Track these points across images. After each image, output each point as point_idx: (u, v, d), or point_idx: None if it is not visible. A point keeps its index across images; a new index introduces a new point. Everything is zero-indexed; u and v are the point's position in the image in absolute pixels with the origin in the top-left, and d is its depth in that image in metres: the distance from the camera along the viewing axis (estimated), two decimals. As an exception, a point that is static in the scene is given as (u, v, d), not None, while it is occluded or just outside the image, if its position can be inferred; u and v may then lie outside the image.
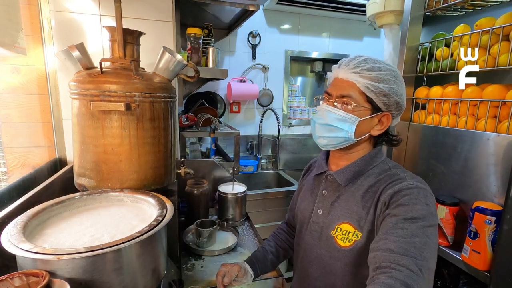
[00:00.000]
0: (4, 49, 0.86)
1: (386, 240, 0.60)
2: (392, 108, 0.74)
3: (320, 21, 2.61)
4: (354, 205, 0.75)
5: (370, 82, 0.71)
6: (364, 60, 0.74)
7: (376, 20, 1.60)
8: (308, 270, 0.84)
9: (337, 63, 0.79)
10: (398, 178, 0.71)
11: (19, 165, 1.19)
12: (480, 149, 1.07)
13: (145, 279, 0.65)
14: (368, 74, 0.71)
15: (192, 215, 1.38)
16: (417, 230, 0.60)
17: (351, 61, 0.75)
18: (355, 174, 0.77)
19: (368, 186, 0.75)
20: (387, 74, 0.72)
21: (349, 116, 0.73)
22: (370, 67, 0.72)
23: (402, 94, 0.74)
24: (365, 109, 0.73)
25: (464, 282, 1.13)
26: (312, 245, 0.82)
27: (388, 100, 0.72)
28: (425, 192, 0.67)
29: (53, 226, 0.70)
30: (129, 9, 1.22)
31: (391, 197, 0.68)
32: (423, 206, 0.64)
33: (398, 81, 0.73)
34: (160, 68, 0.92)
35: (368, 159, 0.78)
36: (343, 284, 0.76)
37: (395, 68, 0.75)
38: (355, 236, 0.73)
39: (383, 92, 0.71)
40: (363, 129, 0.76)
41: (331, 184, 0.82)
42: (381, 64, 0.73)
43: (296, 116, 2.77)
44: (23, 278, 0.52)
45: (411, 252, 0.57)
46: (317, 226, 0.82)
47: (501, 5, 1.21)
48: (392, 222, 0.63)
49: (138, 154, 0.87)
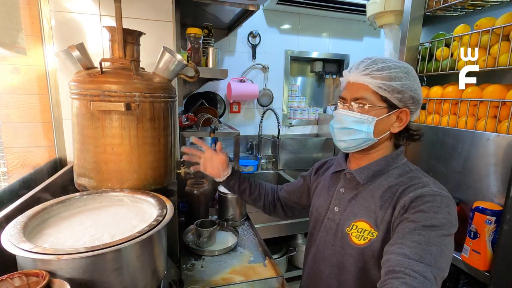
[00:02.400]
0: (4, 49, 0.86)
1: (401, 244, 0.59)
2: (408, 103, 0.74)
3: (320, 21, 2.60)
4: (372, 203, 0.74)
5: (382, 82, 0.71)
6: (373, 61, 0.74)
7: (376, 20, 1.60)
8: (320, 267, 0.84)
9: (348, 68, 0.79)
10: (420, 182, 0.71)
11: (19, 165, 1.19)
12: (480, 149, 1.07)
13: (145, 279, 0.65)
14: (379, 74, 0.71)
15: (192, 215, 1.38)
16: (435, 238, 0.59)
17: (360, 64, 0.75)
18: (375, 173, 0.77)
19: (388, 186, 0.74)
20: (398, 71, 0.72)
21: (365, 117, 0.73)
22: (379, 67, 0.72)
23: (416, 88, 0.74)
24: (381, 108, 0.73)
25: (464, 282, 1.13)
26: (326, 242, 0.82)
27: (402, 96, 0.72)
28: (448, 201, 0.66)
29: (53, 226, 0.70)
30: (129, 9, 1.22)
31: (411, 201, 0.67)
32: (445, 215, 0.63)
33: (410, 76, 0.73)
34: (160, 68, 0.92)
35: (389, 159, 0.78)
36: (355, 282, 0.76)
37: (406, 64, 0.75)
38: (370, 235, 0.72)
39: (396, 89, 0.71)
40: (382, 128, 0.75)
41: (350, 182, 0.81)
42: (390, 62, 0.73)
43: (296, 116, 2.76)
44: (23, 278, 0.52)
45: (426, 259, 0.56)
46: (332, 223, 0.81)
47: (501, 5, 1.21)
48: (410, 227, 0.62)
49: (138, 154, 0.87)
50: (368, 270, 0.74)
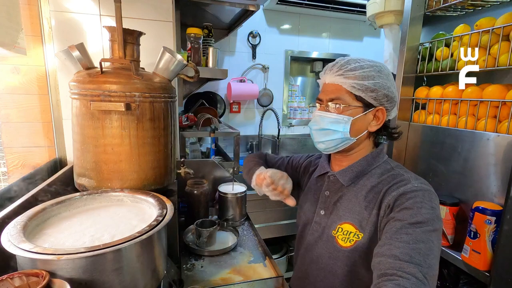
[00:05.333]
0: (4, 49, 0.86)
1: (390, 245, 0.60)
2: (383, 101, 0.75)
3: (320, 21, 2.61)
4: (356, 205, 0.75)
5: (355, 81, 0.72)
6: (346, 61, 0.75)
7: (376, 20, 1.60)
8: (308, 270, 0.84)
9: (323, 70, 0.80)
10: (402, 180, 0.71)
11: (19, 165, 1.19)
12: (480, 149, 1.07)
13: (145, 279, 0.65)
14: (352, 74, 0.73)
15: (192, 215, 1.38)
16: (422, 235, 0.60)
17: (334, 65, 0.77)
18: (358, 174, 0.77)
19: (371, 187, 0.75)
20: (370, 70, 0.73)
21: (341, 117, 0.74)
22: (352, 67, 0.73)
23: (389, 86, 0.75)
24: (356, 107, 0.74)
25: (464, 282, 1.13)
26: (313, 245, 0.82)
27: (376, 95, 0.73)
28: (430, 195, 0.67)
29: (53, 226, 0.70)
30: (129, 9, 1.22)
31: (395, 199, 0.67)
32: (428, 210, 0.63)
33: (383, 75, 0.74)
34: (160, 68, 0.92)
35: (370, 159, 0.78)
36: (343, 284, 0.76)
37: (379, 63, 0.76)
38: (356, 237, 0.73)
39: (370, 88, 0.72)
40: (359, 127, 0.76)
41: (334, 184, 0.82)
42: (363, 62, 0.74)
43: (296, 116, 2.77)
44: (23, 278, 0.52)
45: (416, 259, 0.56)
46: (318, 227, 0.82)
47: (501, 5, 1.21)
48: (397, 226, 0.63)
49: (138, 154, 0.87)
50: (357, 272, 0.74)
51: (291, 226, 1.95)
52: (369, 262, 0.64)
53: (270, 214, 1.98)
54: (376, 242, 0.68)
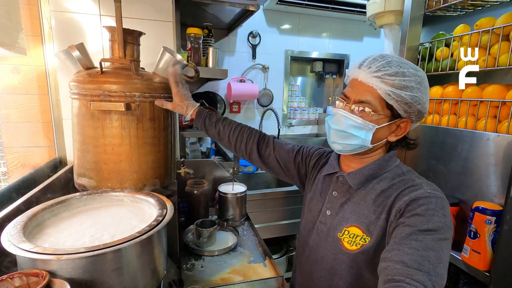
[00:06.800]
0: (4, 49, 0.86)
1: (399, 251, 0.58)
2: (413, 115, 0.70)
3: (320, 21, 2.61)
4: (364, 209, 0.73)
5: (392, 90, 0.66)
6: (387, 63, 0.67)
7: (376, 20, 1.60)
8: (312, 270, 0.83)
9: (358, 63, 0.71)
10: (414, 185, 0.69)
11: (19, 165, 1.19)
12: (480, 149, 1.06)
13: (145, 279, 0.65)
14: (390, 80, 0.66)
15: (192, 215, 1.38)
16: (432, 243, 0.58)
17: (373, 63, 0.68)
18: (368, 178, 0.75)
19: (381, 191, 0.72)
20: (412, 80, 0.66)
21: (366, 124, 0.69)
22: (393, 71, 0.66)
23: (425, 101, 0.69)
24: (384, 116, 0.69)
25: (464, 282, 1.13)
26: (318, 245, 0.82)
27: (409, 108, 0.68)
28: (442, 202, 0.65)
29: (53, 226, 0.70)
30: (129, 9, 1.22)
31: (407, 204, 0.65)
32: (440, 217, 0.61)
33: (422, 87, 0.68)
34: (160, 68, 0.92)
35: (382, 163, 0.75)
36: (347, 286, 0.75)
37: (421, 72, 0.70)
38: (362, 241, 0.72)
39: (405, 101, 0.66)
40: (380, 136, 0.72)
41: (342, 185, 0.80)
42: (405, 68, 0.67)
43: (296, 116, 2.76)
44: (23, 278, 0.52)
45: (425, 266, 0.54)
46: (324, 227, 0.81)
47: (501, 5, 1.21)
48: (406, 232, 0.61)
49: (138, 154, 0.87)
50: (362, 275, 0.73)
51: (291, 226, 1.95)
52: (375, 266, 0.63)
53: (270, 214, 1.98)
54: (383, 247, 0.66)
